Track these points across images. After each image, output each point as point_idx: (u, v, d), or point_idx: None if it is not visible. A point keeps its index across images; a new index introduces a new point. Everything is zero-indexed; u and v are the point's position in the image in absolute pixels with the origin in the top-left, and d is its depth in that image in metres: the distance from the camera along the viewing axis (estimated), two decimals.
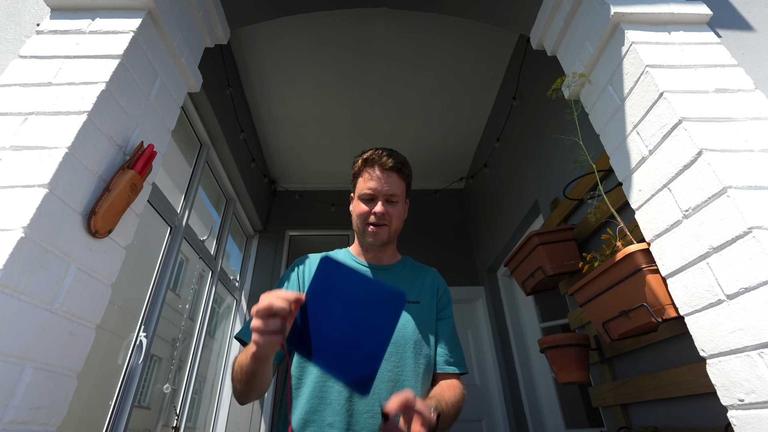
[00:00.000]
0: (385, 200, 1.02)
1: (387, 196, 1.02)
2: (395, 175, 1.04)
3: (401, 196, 1.05)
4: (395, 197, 1.03)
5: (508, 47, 2.67)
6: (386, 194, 1.02)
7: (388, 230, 1.03)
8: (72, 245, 0.86)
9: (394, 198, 1.03)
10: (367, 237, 1.03)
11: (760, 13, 1.26)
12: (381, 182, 1.02)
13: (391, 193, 1.02)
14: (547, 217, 2.25)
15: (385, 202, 1.02)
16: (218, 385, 2.89)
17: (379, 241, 1.03)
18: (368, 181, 1.03)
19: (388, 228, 1.03)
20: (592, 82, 1.28)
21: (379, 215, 1.01)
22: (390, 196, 1.03)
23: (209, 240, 2.71)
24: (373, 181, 1.02)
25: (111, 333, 1.70)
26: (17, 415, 0.73)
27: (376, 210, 1.01)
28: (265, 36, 2.54)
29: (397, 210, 1.04)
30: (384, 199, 1.02)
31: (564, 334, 1.67)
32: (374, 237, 1.02)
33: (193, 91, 1.42)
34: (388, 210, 1.02)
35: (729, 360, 0.83)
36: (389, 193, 1.02)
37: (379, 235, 1.02)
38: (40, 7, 1.20)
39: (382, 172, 1.03)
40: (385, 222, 1.02)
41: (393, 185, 1.03)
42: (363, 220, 1.04)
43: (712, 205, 0.88)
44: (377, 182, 1.02)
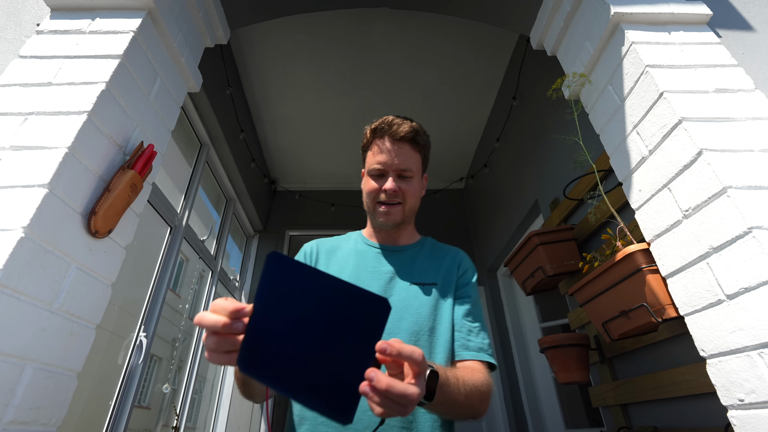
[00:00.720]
0: (397, 175, 0.90)
1: (399, 171, 0.90)
2: (408, 146, 0.91)
3: (416, 171, 0.92)
4: (409, 172, 0.90)
5: (508, 47, 2.66)
6: (398, 168, 0.90)
7: (402, 209, 0.91)
8: (72, 245, 0.86)
9: (407, 173, 0.90)
10: (378, 217, 0.92)
11: (760, 13, 1.26)
12: (392, 155, 0.89)
13: (404, 167, 0.90)
14: (547, 217, 2.25)
15: (397, 178, 0.90)
16: (218, 385, 2.89)
17: (391, 221, 0.92)
18: (377, 155, 0.91)
19: (402, 207, 0.91)
20: (592, 82, 1.28)
21: (390, 192, 0.89)
22: (403, 171, 0.90)
23: (209, 240, 2.71)
24: (383, 154, 0.90)
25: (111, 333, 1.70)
26: (17, 415, 0.73)
27: (386, 187, 0.89)
28: (265, 36, 2.54)
29: (412, 186, 0.92)
30: (396, 174, 0.90)
31: (564, 334, 1.67)
32: (385, 217, 0.91)
33: (193, 91, 1.42)
34: (400, 186, 0.90)
35: (729, 360, 0.83)
36: (401, 167, 0.90)
37: (391, 215, 0.91)
38: (40, 7, 1.20)
39: (392, 144, 0.90)
40: (397, 200, 0.91)
41: (406, 158, 0.90)
42: (373, 199, 0.92)
43: (712, 205, 0.88)
44: (387, 155, 0.90)
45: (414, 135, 0.91)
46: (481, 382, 0.73)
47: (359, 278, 0.89)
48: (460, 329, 0.85)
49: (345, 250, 0.98)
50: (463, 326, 0.86)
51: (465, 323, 0.86)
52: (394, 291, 0.87)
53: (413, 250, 0.97)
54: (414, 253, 0.96)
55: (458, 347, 0.83)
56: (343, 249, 0.99)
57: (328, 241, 1.03)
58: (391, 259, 0.93)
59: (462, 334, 0.85)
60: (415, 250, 0.97)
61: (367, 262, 0.94)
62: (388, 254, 0.95)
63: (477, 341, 0.84)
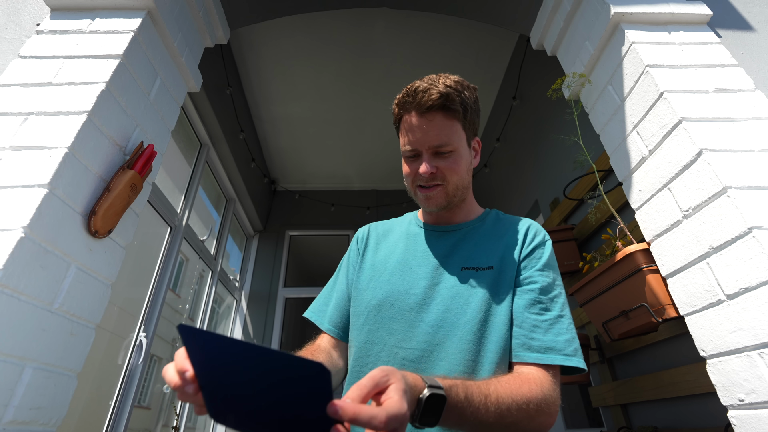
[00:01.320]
0: (433, 153, 0.78)
1: (433, 148, 0.77)
2: (440, 116, 0.76)
3: (456, 142, 0.78)
4: (446, 146, 0.77)
5: (508, 47, 2.66)
6: (431, 146, 0.77)
7: (444, 191, 0.79)
8: (72, 245, 0.86)
9: (444, 148, 0.77)
10: (420, 203, 0.83)
11: (760, 13, 1.26)
12: (421, 131, 0.77)
13: (438, 142, 0.76)
14: (547, 217, 2.25)
15: (432, 156, 0.78)
16: None
17: (434, 206, 0.81)
18: (406, 134, 0.79)
19: (444, 188, 0.79)
20: (592, 82, 1.28)
21: (426, 176, 0.78)
22: (438, 147, 0.77)
23: (209, 240, 2.71)
24: (412, 133, 0.78)
25: (111, 333, 1.70)
26: (17, 415, 0.73)
27: (420, 170, 0.77)
28: (265, 36, 2.54)
29: (454, 162, 0.78)
30: (431, 153, 0.78)
31: None
32: (427, 202, 0.81)
33: (193, 91, 1.42)
34: (438, 165, 0.78)
35: (729, 360, 0.83)
36: (434, 143, 0.77)
37: (433, 200, 0.80)
38: (40, 7, 1.20)
39: (420, 118, 0.77)
40: (436, 182, 0.79)
41: (439, 131, 0.76)
42: (411, 183, 0.82)
43: (712, 205, 0.88)
44: (415, 133, 0.78)
45: (444, 101, 0.75)
46: (531, 396, 0.60)
47: (406, 264, 0.81)
48: (521, 324, 0.71)
49: (397, 234, 0.91)
50: (526, 320, 0.71)
51: (528, 316, 0.71)
52: (442, 278, 0.78)
53: (470, 228, 0.85)
54: (470, 231, 0.84)
55: (518, 347, 0.69)
56: (395, 232, 0.91)
57: (382, 225, 0.95)
58: (443, 241, 0.84)
59: (523, 330, 0.70)
60: (473, 228, 0.85)
61: (417, 245, 0.85)
62: (441, 235, 0.85)
63: (545, 339, 0.69)
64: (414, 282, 0.78)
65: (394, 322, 0.74)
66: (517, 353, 0.69)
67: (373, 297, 0.79)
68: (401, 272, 0.80)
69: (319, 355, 0.78)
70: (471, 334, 0.70)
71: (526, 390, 0.60)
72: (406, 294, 0.76)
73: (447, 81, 0.77)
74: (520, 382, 0.62)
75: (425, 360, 0.70)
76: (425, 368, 0.69)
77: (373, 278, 0.82)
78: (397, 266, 0.82)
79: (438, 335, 0.71)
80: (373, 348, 0.74)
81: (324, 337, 0.85)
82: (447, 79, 0.77)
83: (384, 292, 0.78)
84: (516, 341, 0.70)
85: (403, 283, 0.78)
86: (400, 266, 0.82)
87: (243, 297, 3.28)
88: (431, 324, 0.72)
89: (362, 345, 0.76)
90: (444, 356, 0.69)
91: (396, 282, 0.79)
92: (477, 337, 0.70)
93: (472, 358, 0.68)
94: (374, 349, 0.74)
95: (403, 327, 0.74)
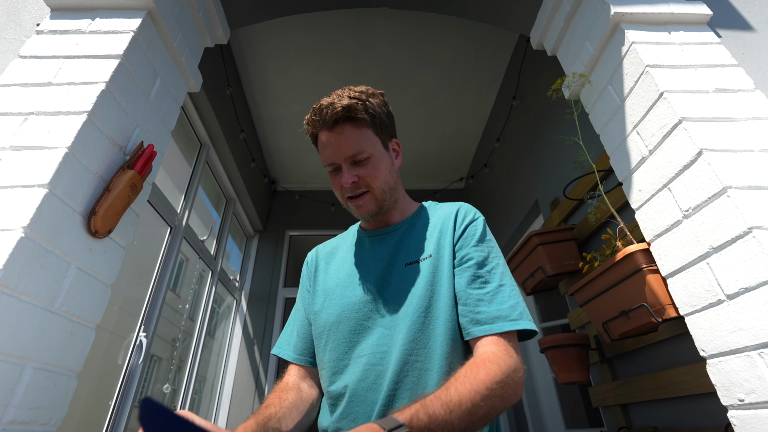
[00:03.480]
0: (351, 163, 0.80)
1: (349, 159, 0.79)
2: (348, 127, 0.78)
3: (371, 148, 0.80)
4: (361, 154, 0.79)
5: (508, 47, 2.66)
6: (346, 157, 0.79)
7: (373, 197, 0.81)
8: (72, 245, 0.86)
9: (360, 156, 0.79)
10: (354, 213, 0.85)
11: (760, 13, 1.26)
12: (333, 146, 0.79)
13: (352, 152, 0.78)
14: (547, 217, 2.25)
15: (351, 166, 0.80)
16: (218, 385, 2.89)
17: (366, 213, 0.82)
18: (322, 151, 0.82)
19: (371, 194, 0.81)
20: (592, 82, 1.28)
21: (349, 187, 0.80)
22: (353, 157, 0.79)
23: (209, 240, 2.71)
24: (326, 149, 0.80)
25: (111, 333, 1.70)
26: (17, 415, 0.73)
27: (343, 182, 0.79)
28: (265, 36, 2.54)
29: (372, 168, 0.80)
30: (349, 163, 0.80)
31: (564, 334, 1.67)
32: (359, 211, 0.82)
33: (193, 91, 1.42)
34: (359, 174, 0.79)
35: (729, 360, 0.83)
36: (349, 154, 0.78)
37: (364, 207, 0.82)
38: (40, 7, 1.20)
39: (330, 133, 0.79)
40: (361, 190, 0.81)
41: (350, 141, 0.78)
42: (341, 197, 0.84)
43: (712, 205, 0.88)
44: (329, 148, 0.80)
45: (347, 112, 0.77)
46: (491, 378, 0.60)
47: (355, 275, 0.84)
48: (465, 302, 0.72)
49: (343, 249, 0.94)
50: (470, 297, 0.72)
51: (471, 292, 0.73)
52: (390, 278, 0.80)
53: (407, 225, 0.87)
54: (408, 228, 0.87)
55: (467, 324, 0.71)
56: (341, 248, 0.95)
57: (328, 245, 1.00)
58: (385, 244, 0.86)
59: (469, 307, 0.72)
60: (409, 225, 0.87)
61: (362, 254, 0.88)
62: (382, 239, 0.87)
63: (489, 310, 0.70)
64: (365, 290, 0.80)
65: (353, 335, 0.77)
66: (468, 330, 0.71)
67: (330, 315, 0.81)
68: (351, 284, 0.83)
69: (288, 395, 0.80)
70: (418, 323, 0.72)
71: (484, 375, 0.60)
72: (359, 304, 0.79)
73: (351, 93, 0.80)
74: (476, 368, 0.62)
75: (386, 361, 0.72)
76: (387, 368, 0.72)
77: (327, 298, 0.85)
78: (347, 279, 0.85)
79: (394, 334, 0.74)
80: (339, 364, 0.78)
81: (292, 370, 0.88)
82: (351, 91, 0.81)
83: (339, 308, 0.81)
84: (464, 319, 0.72)
85: (355, 294, 0.81)
86: (350, 279, 0.85)
87: (243, 297, 3.28)
88: (386, 326, 0.75)
89: (330, 363, 0.79)
90: (399, 351, 0.71)
91: (348, 295, 0.82)
92: (423, 325, 0.72)
93: (423, 346, 0.71)
94: (340, 364, 0.77)
95: (363, 336, 0.77)
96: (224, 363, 2.98)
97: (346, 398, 0.74)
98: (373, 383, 0.72)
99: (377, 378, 0.72)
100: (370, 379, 0.72)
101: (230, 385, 2.90)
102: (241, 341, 3.08)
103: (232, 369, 2.96)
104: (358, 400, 0.72)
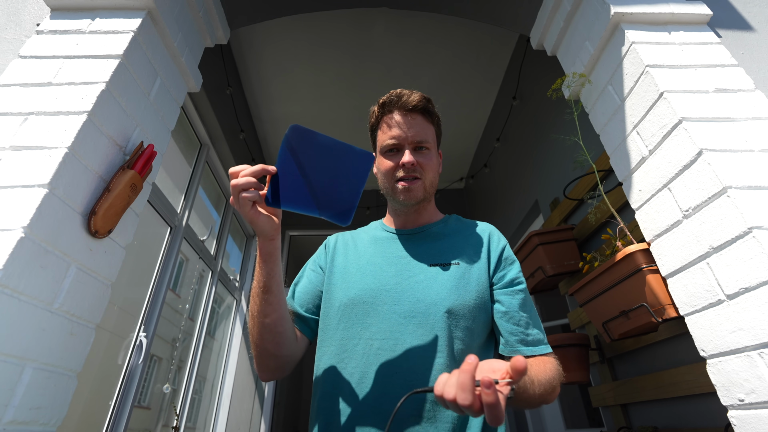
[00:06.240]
0: (414, 148, 0.84)
1: (415, 143, 0.84)
2: (421, 117, 0.85)
3: (432, 143, 0.86)
4: (426, 143, 0.85)
5: (508, 47, 2.66)
6: (413, 140, 0.84)
7: (423, 184, 0.84)
8: (72, 245, 0.86)
9: (424, 144, 0.84)
10: (398, 196, 0.85)
11: (760, 13, 1.26)
12: (405, 127, 0.84)
13: (419, 139, 0.84)
14: (547, 217, 2.25)
15: (413, 151, 0.84)
16: (218, 385, 2.89)
17: (413, 198, 0.84)
18: (389, 130, 0.85)
19: (422, 181, 0.84)
20: (592, 82, 1.28)
21: (409, 166, 0.82)
22: (419, 143, 0.84)
23: (209, 240, 2.71)
24: (395, 128, 0.84)
25: (111, 333, 1.70)
26: (17, 415, 0.73)
27: (404, 160, 0.82)
28: (265, 36, 2.54)
29: (430, 159, 0.85)
30: (412, 147, 0.84)
31: (564, 334, 1.67)
32: (406, 194, 0.84)
33: (193, 91, 1.42)
34: (418, 160, 0.83)
35: (729, 360, 0.83)
36: (417, 138, 0.84)
37: (413, 192, 0.84)
38: (40, 7, 1.20)
39: (403, 116, 0.85)
40: (416, 174, 0.83)
41: (420, 129, 0.84)
42: (390, 177, 0.85)
43: (712, 205, 0.88)
44: (399, 129, 0.84)
45: (426, 104, 0.86)
46: (553, 375, 0.73)
47: (376, 264, 0.85)
48: (518, 322, 0.78)
49: (364, 240, 0.94)
50: (522, 319, 0.79)
51: (523, 315, 0.79)
52: (412, 273, 0.82)
53: (434, 229, 0.90)
54: (434, 232, 0.90)
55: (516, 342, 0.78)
56: (362, 239, 0.95)
57: (349, 233, 1.00)
58: (410, 242, 0.89)
59: (520, 328, 0.78)
60: (437, 229, 0.90)
61: (385, 248, 0.89)
62: (407, 238, 0.90)
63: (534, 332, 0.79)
64: (384, 279, 0.81)
65: (367, 317, 0.78)
66: (516, 348, 0.78)
67: (345, 296, 0.82)
68: (371, 272, 0.84)
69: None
70: (441, 321, 0.75)
71: (550, 372, 0.73)
72: (377, 290, 0.80)
73: (424, 95, 0.88)
74: (544, 366, 0.73)
75: (399, 348, 0.73)
76: (399, 356, 0.73)
77: (344, 279, 0.85)
78: (367, 266, 0.86)
79: (410, 325, 0.75)
80: (349, 343, 0.78)
81: None
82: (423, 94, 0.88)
83: (356, 291, 0.81)
84: (514, 337, 0.78)
85: (374, 281, 0.82)
86: (370, 266, 0.85)
87: (243, 297, 3.28)
88: (403, 315, 0.76)
89: (339, 342, 0.79)
90: (417, 344, 0.74)
91: (367, 281, 0.82)
92: (446, 325, 0.75)
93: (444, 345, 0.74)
94: (350, 344, 0.78)
95: (376, 320, 0.77)
96: (224, 363, 2.98)
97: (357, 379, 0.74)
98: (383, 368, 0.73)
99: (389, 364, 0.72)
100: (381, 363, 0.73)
101: (230, 385, 2.90)
102: (241, 341, 3.08)
103: (232, 369, 2.96)
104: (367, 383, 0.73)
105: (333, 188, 0.65)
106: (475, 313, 0.78)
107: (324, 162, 0.65)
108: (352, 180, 0.65)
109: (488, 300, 0.81)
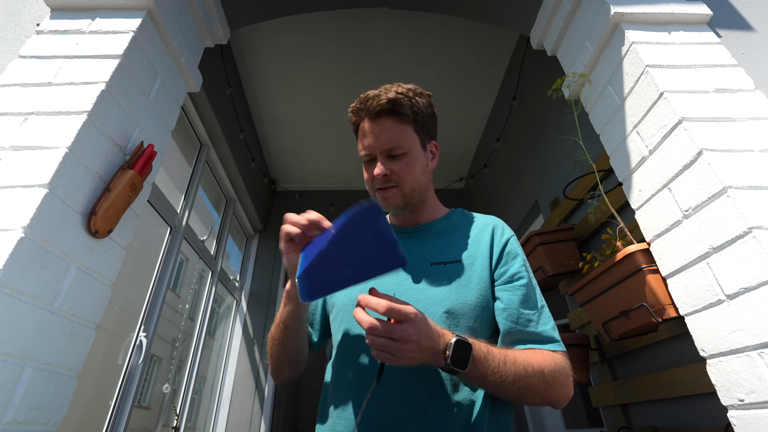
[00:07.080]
0: (386, 156, 0.81)
1: (386, 151, 0.81)
2: (391, 120, 0.80)
3: (408, 145, 0.82)
4: (398, 149, 0.80)
5: (508, 47, 2.66)
6: (383, 149, 0.81)
7: (400, 192, 0.82)
8: (72, 245, 0.86)
9: (396, 151, 0.81)
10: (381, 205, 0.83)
11: (760, 13, 1.26)
12: (373, 136, 0.81)
13: (390, 146, 0.80)
14: (547, 217, 2.25)
15: (386, 159, 0.81)
16: (218, 385, 2.89)
17: (392, 206, 0.84)
18: (363, 139, 0.83)
19: (399, 189, 0.82)
20: (592, 82, 1.28)
21: (380, 178, 0.81)
22: (390, 150, 0.81)
23: (209, 240, 2.71)
24: (366, 138, 0.82)
25: (111, 333, 1.70)
26: (17, 415, 0.73)
27: (375, 172, 0.81)
28: (266, 36, 2.54)
29: (407, 164, 0.81)
30: (384, 156, 0.81)
31: (564, 334, 1.67)
32: (385, 203, 0.84)
33: (193, 91, 1.42)
34: (392, 168, 0.81)
35: (729, 360, 0.83)
36: (387, 146, 0.80)
37: (390, 200, 0.83)
38: (40, 7, 1.20)
39: (372, 123, 0.81)
40: (391, 184, 0.82)
41: (391, 134, 0.80)
42: (370, 187, 0.86)
43: (712, 205, 0.88)
44: (368, 138, 0.81)
45: (392, 105, 0.79)
46: (544, 365, 0.68)
47: None
48: (517, 320, 0.74)
49: None
50: (522, 316, 0.75)
51: (524, 312, 0.75)
52: (412, 273, 0.81)
53: (435, 227, 0.88)
54: (436, 229, 0.88)
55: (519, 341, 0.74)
56: None
57: None
58: (410, 241, 0.87)
59: (520, 326, 0.74)
60: (439, 226, 0.88)
61: None
62: (407, 236, 0.88)
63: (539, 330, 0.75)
64: (384, 280, 0.81)
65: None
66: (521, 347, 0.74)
67: (345, 296, 0.84)
68: None
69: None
70: (440, 322, 0.73)
71: (540, 359, 0.69)
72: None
73: (399, 89, 0.82)
74: (532, 353, 0.70)
75: None
76: None
77: None
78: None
79: None
80: (348, 345, 0.80)
81: None
82: (400, 87, 0.82)
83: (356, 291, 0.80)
84: (510, 337, 0.75)
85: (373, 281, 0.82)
86: None
87: (243, 297, 3.28)
88: None
89: (339, 343, 0.82)
90: None
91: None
92: (446, 325, 0.73)
93: None
94: (349, 346, 0.79)
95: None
96: (224, 363, 2.98)
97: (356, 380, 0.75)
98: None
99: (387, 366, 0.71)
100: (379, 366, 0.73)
101: (230, 385, 2.90)
102: (241, 341, 3.08)
103: (232, 369, 2.96)
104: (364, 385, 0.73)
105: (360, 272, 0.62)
106: (478, 312, 0.76)
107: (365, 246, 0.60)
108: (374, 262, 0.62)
109: (491, 298, 0.78)
